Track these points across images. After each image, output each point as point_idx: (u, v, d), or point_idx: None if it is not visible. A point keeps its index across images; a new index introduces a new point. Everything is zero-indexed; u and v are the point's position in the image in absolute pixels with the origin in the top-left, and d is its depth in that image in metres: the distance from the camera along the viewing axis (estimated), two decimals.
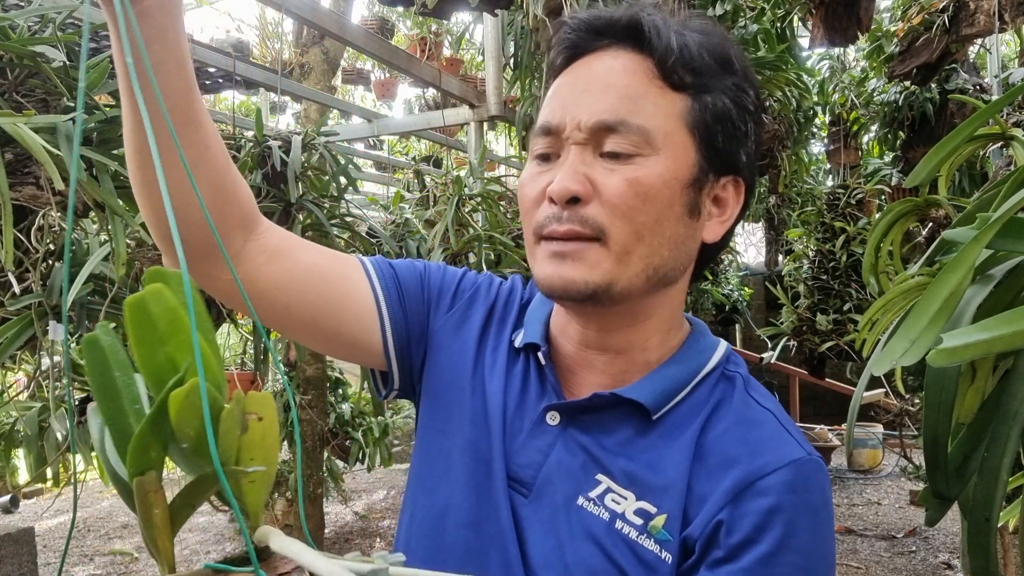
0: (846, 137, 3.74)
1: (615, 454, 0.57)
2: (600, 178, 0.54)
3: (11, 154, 1.05)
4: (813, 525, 0.53)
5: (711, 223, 0.58)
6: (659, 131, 0.54)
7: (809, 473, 0.54)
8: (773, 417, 0.58)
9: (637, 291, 0.56)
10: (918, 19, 2.51)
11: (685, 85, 0.55)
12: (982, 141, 0.98)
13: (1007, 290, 0.58)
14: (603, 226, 0.53)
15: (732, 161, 0.57)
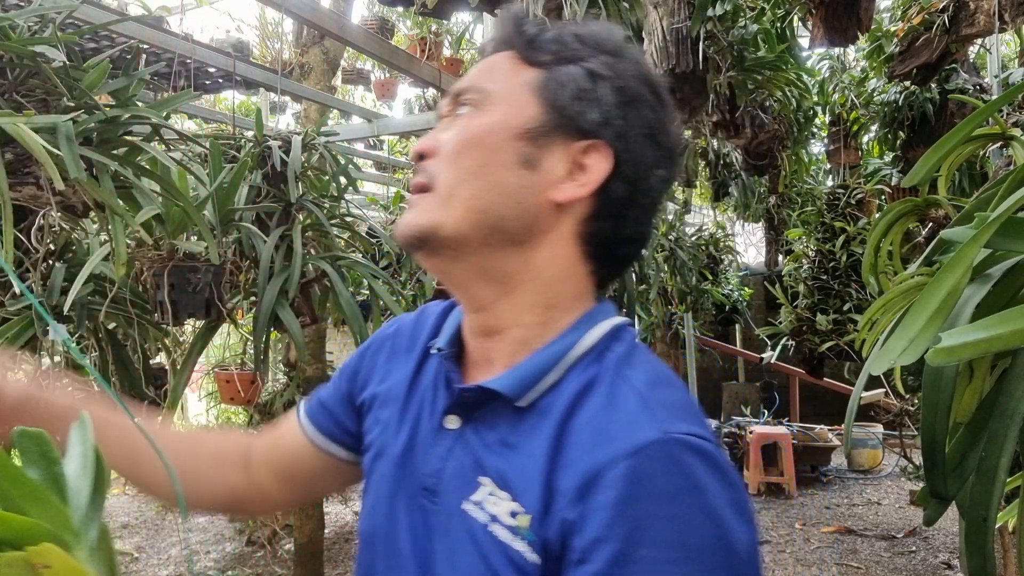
0: (846, 137, 3.74)
1: (494, 452, 0.56)
2: (443, 135, 0.60)
3: (11, 154, 1.05)
4: (672, 513, 0.47)
5: (566, 185, 0.58)
6: (499, 91, 0.59)
7: (660, 457, 0.49)
8: (636, 394, 0.53)
9: (470, 237, 0.57)
10: (918, 19, 2.51)
11: (541, 62, 0.60)
12: (982, 141, 0.98)
13: (1005, 289, 0.58)
14: (434, 174, 0.59)
15: (581, 121, 0.58)
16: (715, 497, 0.48)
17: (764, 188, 5.05)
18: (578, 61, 0.59)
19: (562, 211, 0.59)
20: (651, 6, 2.12)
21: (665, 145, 0.62)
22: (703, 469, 0.49)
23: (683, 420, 0.52)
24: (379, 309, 1.69)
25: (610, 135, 0.58)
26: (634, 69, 0.61)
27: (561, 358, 0.57)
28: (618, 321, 0.61)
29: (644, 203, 0.62)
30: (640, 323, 4.17)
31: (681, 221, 4.79)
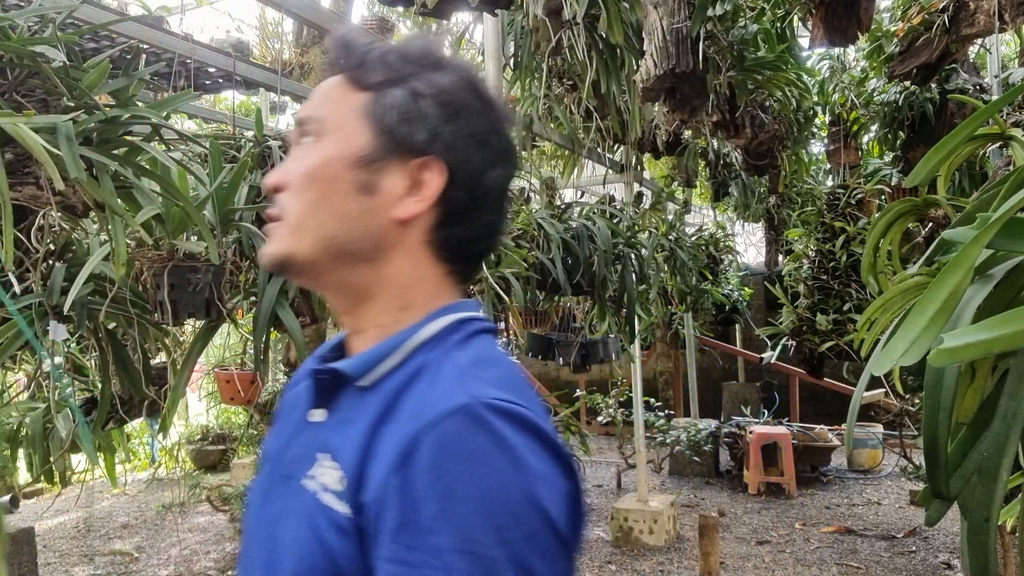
0: (846, 137, 3.74)
1: (335, 430, 0.61)
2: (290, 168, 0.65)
3: (11, 154, 1.05)
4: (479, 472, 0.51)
5: (406, 202, 0.63)
6: (332, 120, 0.64)
7: (467, 419, 0.52)
8: (457, 370, 0.57)
9: (321, 262, 0.63)
10: (918, 19, 2.51)
11: (369, 85, 0.64)
12: (981, 141, 0.98)
13: (1007, 290, 0.58)
14: (285, 207, 0.63)
15: (411, 140, 0.62)
16: (522, 456, 0.52)
17: (764, 188, 5.05)
18: (402, 82, 0.64)
19: (407, 225, 0.63)
20: (651, 6, 2.12)
21: (497, 146, 0.66)
22: (511, 430, 0.52)
23: (498, 389, 0.55)
24: None
25: (439, 149, 0.63)
26: (457, 80, 0.65)
27: (402, 344, 0.62)
28: (464, 315, 0.65)
29: (487, 202, 0.66)
30: (640, 323, 4.17)
31: (681, 221, 4.79)
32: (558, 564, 0.52)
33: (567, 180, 3.97)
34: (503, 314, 2.87)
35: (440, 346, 0.61)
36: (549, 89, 2.96)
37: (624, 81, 2.55)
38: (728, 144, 4.33)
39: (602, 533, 4.53)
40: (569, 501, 0.55)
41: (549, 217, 2.83)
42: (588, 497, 5.33)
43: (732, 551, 4.12)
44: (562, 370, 7.09)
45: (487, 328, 0.66)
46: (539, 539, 0.51)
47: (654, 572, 3.88)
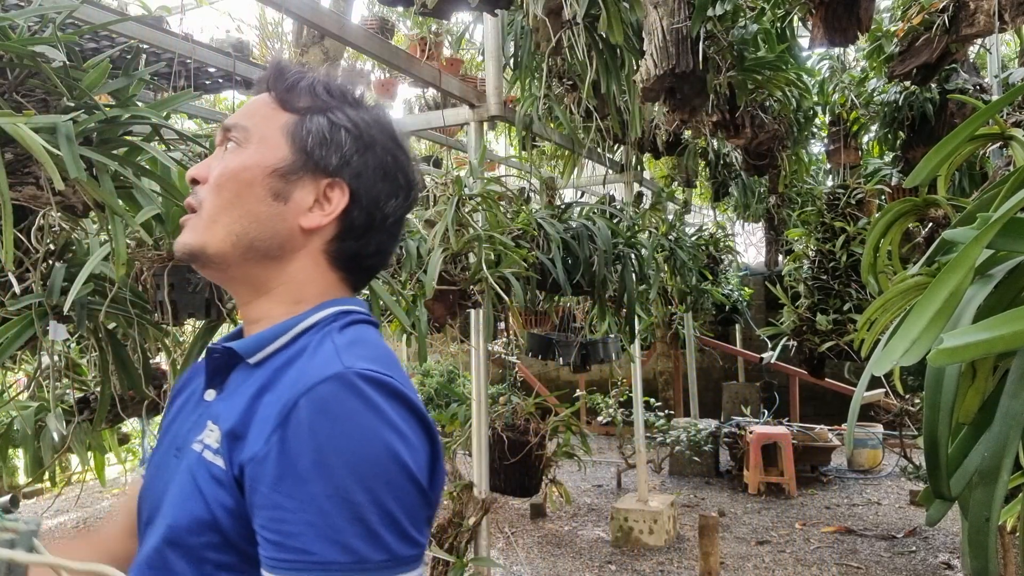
0: (846, 137, 3.74)
1: (224, 401, 0.68)
2: (213, 166, 0.71)
3: (11, 154, 1.05)
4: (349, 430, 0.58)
5: (312, 214, 0.72)
6: (258, 132, 0.72)
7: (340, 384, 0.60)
8: (334, 347, 0.65)
9: (230, 256, 0.70)
10: (918, 19, 2.51)
11: (296, 108, 0.73)
12: (982, 141, 0.98)
13: (1007, 290, 0.58)
14: (202, 200, 0.71)
15: (325, 164, 0.72)
16: (387, 417, 0.60)
17: (764, 188, 5.05)
18: (325, 112, 0.73)
19: (310, 234, 0.72)
20: (651, 6, 2.12)
21: (399, 180, 0.77)
22: (378, 395, 0.60)
23: (371, 363, 0.63)
24: (379, 309, 1.69)
25: (347, 174, 0.73)
26: (372, 119, 0.76)
27: (290, 329, 0.70)
28: (347, 307, 0.73)
29: (383, 226, 0.76)
30: (640, 323, 4.17)
31: (681, 221, 4.79)
32: (415, 511, 0.60)
33: (567, 180, 3.97)
34: (503, 314, 2.86)
35: (322, 330, 0.69)
36: (549, 89, 2.96)
37: (624, 81, 2.55)
38: (728, 144, 4.33)
39: (602, 533, 4.53)
40: (428, 460, 0.63)
41: (549, 217, 2.83)
42: (591, 496, 5.32)
43: (732, 551, 4.12)
44: (562, 370, 7.09)
45: (368, 320, 0.74)
46: (399, 487, 0.58)
47: (654, 572, 3.88)
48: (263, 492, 0.58)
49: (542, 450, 3.29)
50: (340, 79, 0.77)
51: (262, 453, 0.59)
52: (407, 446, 0.60)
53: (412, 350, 7.70)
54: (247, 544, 0.60)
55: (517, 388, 3.71)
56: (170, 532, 0.63)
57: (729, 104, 2.70)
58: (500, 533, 4.53)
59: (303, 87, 0.74)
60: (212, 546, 0.61)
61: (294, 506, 0.56)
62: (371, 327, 0.73)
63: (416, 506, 0.60)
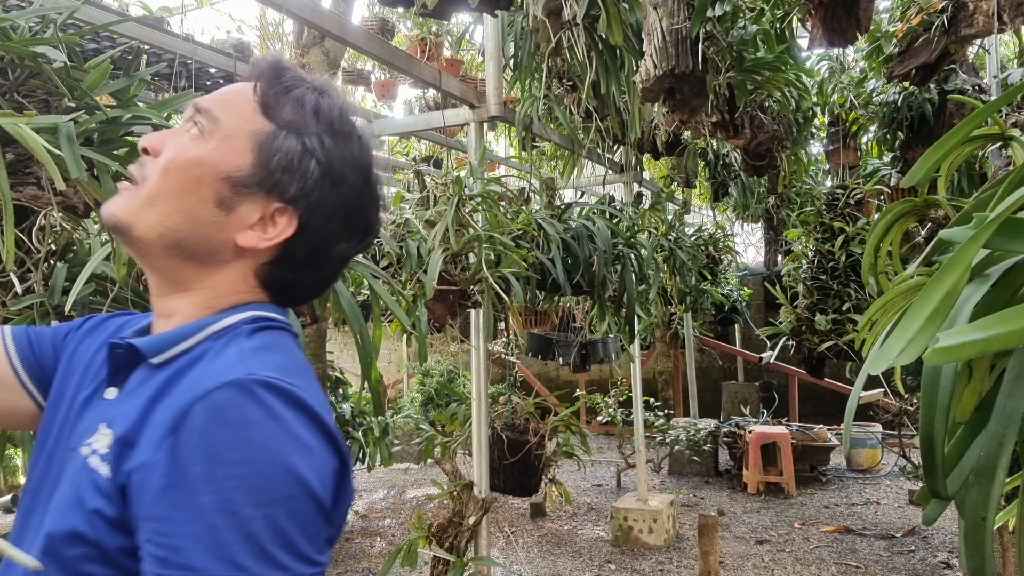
0: (845, 137, 3.74)
1: (120, 403, 0.64)
2: (170, 143, 0.66)
3: (12, 154, 1.05)
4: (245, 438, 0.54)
5: (251, 232, 0.67)
6: (225, 129, 0.66)
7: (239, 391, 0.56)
8: (240, 351, 0.61)
9: (154, 246, 0.65)
10: (917, 20, 2.51)
11: (276, 118, 0.68)
12: (981, 141, 0.99)
13: (1004, 289, 0.58)
14: (147, 175, 0.66)
15: (283, 189, 0.67)
16: (289, 428, 0.56)
17: (763, 188, 5.05)
18: (303, 134, 0.67)
19: (243, 252, 0.67)
20: (651, 6, 2.12)
21: (356, 225, 0.72)
22: (280, 405, 0.57)
23: (276, 370, 0.59)
24: (379, 309, 1.69)
25: (303, 206, 0.68)
26: (351, 155, 0.70)
27: (199, 330, 0.65)
28: (262, 313, 0.68)
29: (324, 265, 0.72)
30: (640, 323, 4.17)
31: (680, 221, 4.80)
32: (313, 528, 0.56)
33: (567, 180, 3.98)
34: (503, 314, 2.87)
35: (230, 334, 0.65)
36: (549, 90, 2.96)
37: (624, 82, 2.56)
38: (727, 144, 4.34)
39: (602, 532, 4.53)
40: (334, 477, 0.59)
41: (549, 217, 2.83)
42: (591, 496, 5.33)
43: (731, 550, 4.13)
44: (562, 370, 7.09)
45: (284, 327, 0.69)
46: (295, 504, 0.54)
47: (654, 571, 3.89)
48: (149, 503, 0.54)
49: (542, 450, 3.29)
50: (335, 102, 0.71)
51: (151, 461, 0.55)
52: (308, 460, 0.56)
53: (412, 350, 7.70)
54: (128, 559, 0.56)
55: (517, 388, 3.71)
56: (48, 542, 0.59)
57: (728, 105, 2.71)
58: (500, 532, 4.54)
59: (292, 98, 0.68)
60: (89, 559, 0.57)
61: (181, 518, 0.52)
62: (287, 335, 0.69)
63: (314, 524, 0.56)
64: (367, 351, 1.46)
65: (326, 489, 0.57)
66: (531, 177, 3.34)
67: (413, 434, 4.76)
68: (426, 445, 3.62)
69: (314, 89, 0.70)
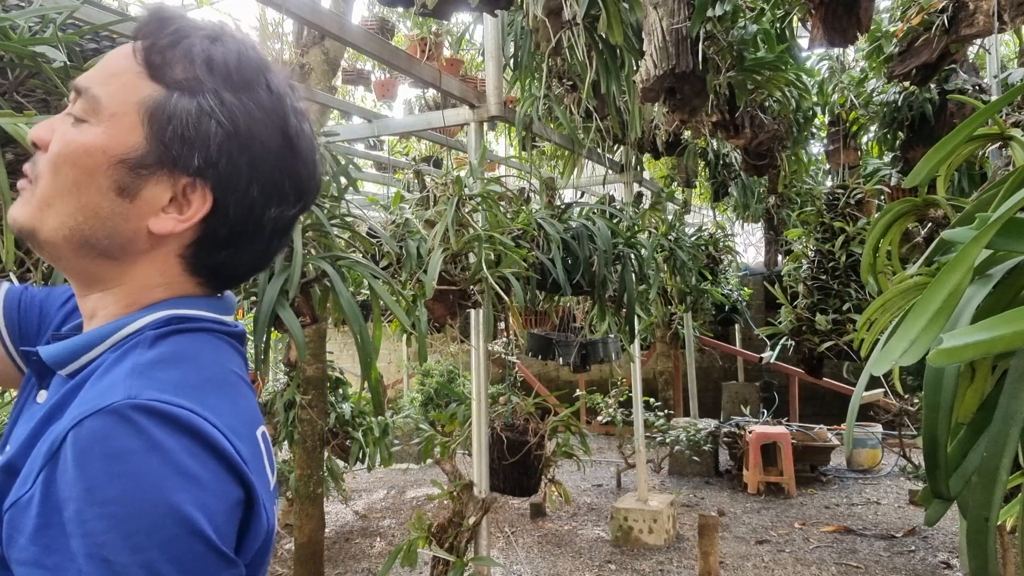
0: (845, 137, 3.74)
1: (24, 421, 0.59)
2: (56, 133, 0.59)
3: (11, 154, 1.05)
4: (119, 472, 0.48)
5: (164, 217, 0.59)
6: (109, 107, 0.58)
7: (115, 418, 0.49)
8: (130, 367, 0.54)
9: (62, 248, 0.59)
10: (917, 19, 2.51)
11: (164, 79, 0.58)
12: (981, 141, 0.99)
13: (1006, 290, 0.58)
14: (39, 173, 0.59)
15: (185, 161, 0.58)
16: (172, 460, 0.49)
17: (763, 188, 5.05)
18: (197, 94, 0.58)
19: (161, 239, 0.60)
20: (651, 6, 2.12)
21: (283, 187, 0.62)
22: (164, 433, 0.50)
23: (166, 390, 0.52)
24: (379, 309, 1.69)
25: (212, 177, 0.59)
26: (260, 107, 0.60)
27: (105, 338, 0.59)
28: (181, 312, 0.60)
29: (260, 236, 0.63)
30: (640, 323, 4.17)
31: (681, 221, 4.80)
32: (203, 573, 0.50)
33: (567, 180, 3.97)
34: (503, 314, 2.87)
35: (130, 343, 0.58)
36: (549, 89, 2.96)
37: (624, 81, 2.56)
38: (728, 144, 4.33)
39: (602, 532, 4.53)
40: (233, 511, 0.52)
41: (549, 217, 2.83)
42: (591, 496, 5.33)
43: (731, 551, 4.13)
44: (562, 370, 7.09)
45: (207, 328, 0.62)
46: (179, 547, 0.48)
47: (654, 571, 3.89)
48: (22, 544, 0.48)
49: (542, 450, 3.29)
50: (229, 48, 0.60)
51: (26, 497, 0.49)
52: (194, 495, 0.49)
53: (412, 350, 7.69)
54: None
55: (517, 388, 3.71)
56: None
57: (729, 104, 2.71)
58: (500, 533, 4.53)
59: (180, 53, 0.58)
60: None
61: (52, 563, 0.47)
62: (207, 336, 0.61)
63: (205, 568, 0.49)
64: (367, 351, 1.46)
65: (222, 526, 0.51)
66: (531, 177, 3.34)
67: (413, 434, 4.76)
68: (426, 445, 3.62)
69: (205, 36, 0.60)
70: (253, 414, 0.60)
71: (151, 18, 0.59)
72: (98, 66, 0.61)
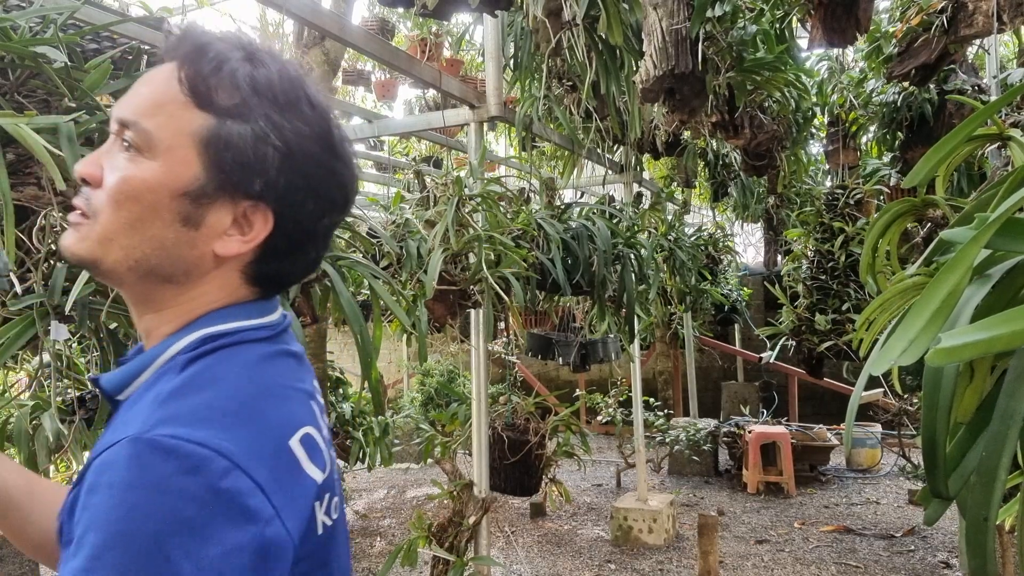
0: (845, 138, 3.74)
1: None
2: (107, 168, 0.60)
3: (13, 154, 1.05)
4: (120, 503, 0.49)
5: (228, 240, 0.61)
6: (163, 141, 0.58)
7: (125, 451, 0.50)
8: (157, 396, 0.56)
9: (125, 277, 0.61)
10: (917, 20, 2.52)
11: (212, 106, 0.59)
12: (980, 141, 0.99)
13: (1005, 290, 0.58)
14: (97, 209, 0.59)
15: (245, 186, 0.60)
16: (165, 503, 0.49)
17: (763, 188, 5.06)
18: (248, 119, 0.59)
19: (225, 259, 0.62)
20: (651, 7, 2.12)
21: (332, 196, 0.65)
22: (169, 470, 0.50)
23: (179, 423, 0.52)
24: (379, 309, 1.69)
25: (271, 198, 0.61)
26: (309, 128, 0.62)
27: (152, 361, 0.60)
28: (211, 331, 0.61)
29: (310, 244, 0.67)
30: (639, 323, 4.17)
31: (680, 221, 4.80)
32: None
33: (567, 180, 3.98)
34: (503, 314, 2.87)
35: (164, 369, 0.59)
36: (549, 90, 2.96)
37: (624, 82, 2.56)
38: (727, 145, 4.34)
39: (602, 532, 4.53)
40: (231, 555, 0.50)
41: (549, 217, 2.83)
42: (591, 495, 5.33)
43: (731, 550, 4.13)
44: (562, 370, 7.09)
45: (246, 339, 0.62)
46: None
47: (653, 571, 3.89)
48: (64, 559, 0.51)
49: (542, 449, 3.29)
50: (270, 69, 0.61)
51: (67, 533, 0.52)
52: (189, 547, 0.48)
53: (412, 350, 7.69)
54: None
55: (517, 388, 3.72)
56: None
57: (728, 105, 2.71)
58: (500, 532, 4.54)
59: (224, 77, 0.59)
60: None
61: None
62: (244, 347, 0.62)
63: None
64: (367, 351, 1.46)
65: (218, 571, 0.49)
66: (531, 177, 3.34)
67: (413, 434, 4.76)
68: (426, 445, 3.62)
69: (244, 59, 0.60)
70: (290, 419, 0.60)
71: (187, 43, 0.60)
72: (137, 95, 0.61)
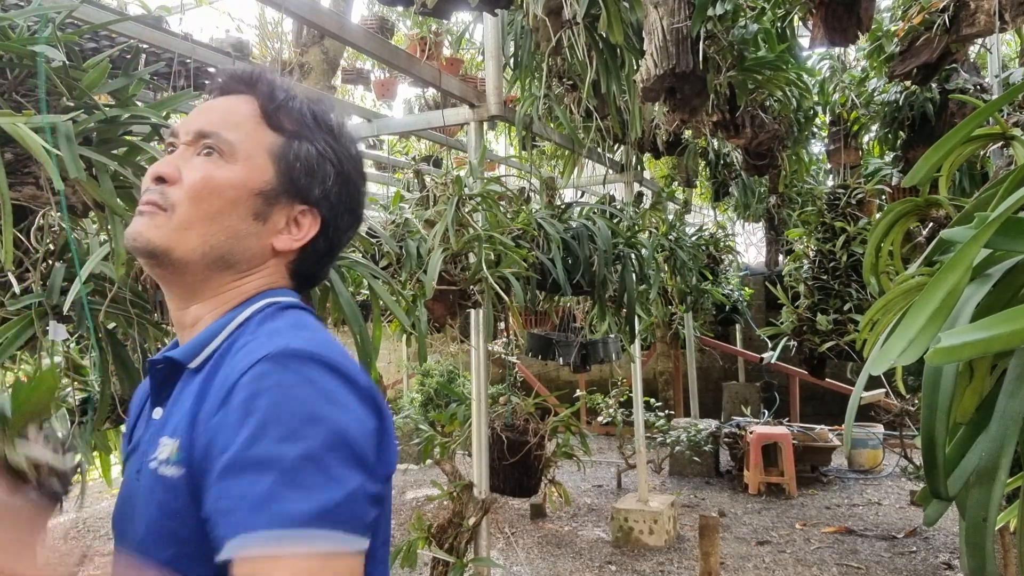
0: (846, 137, 3.73)
1: (172, 413, 0.69)
2: (186, 169, 0.71)
3: (11, 154, 1.05)
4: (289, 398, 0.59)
5: (284, 236, 0.75)
6: (243, 150, 0.73)
7: (280, 359, 0.61)
8: (274, 327, 0.68)
9: (194, 265, 0.71)
10: (918, 19, 2.51)
11: (282, 129, 0.75)
12: (982, 141, 0.98)
13: (1005, 289, 0.58)
14: (174, 203, 0.70)
15: (306, 192, 0.75)
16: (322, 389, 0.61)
17: (764, 188, 5.05)
18: (312, 140, 0.76)
19: (278, 253, 0.76)
20: (651, 6, 2.12)
21: (359, 213, 0.82)
22: (317, 371, 0.62)
23: (308, 342, 0.64)
24: (379, 309, 1.69)
25: (325, 206, 0.77)
26: (348, 150, 0.79)
27: (226, 326, 0.71)
28: (279, 299, 0.74)
29: (337, 253, 0.83)
30: (640, 323, 4.17)
31: (681, 221, 4.79)
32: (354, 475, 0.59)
33: (567, 180, 3.97)
34: (503, 314, 2.86)
35: (257, 319, 0.71)
36: (549, 89, 2.96)
37: (624, 81, 2.55)
38: (728, 144, 4.33)
39: (602, 533, 4.53)
40: (374, 435, 0.63)
41: (549, 217, 2.83)
42: (591, 496, 5.32)
43: (732, 551, 4.12)
44: (562, 370, 7.08)
45: (302, 307, 0.76)
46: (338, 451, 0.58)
47: (654, 572, 3.88)
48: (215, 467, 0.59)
49: (542, 450, 3.29)
50: (324, 107, 0.79)
51: (209, 435, 0.60)
52: (346, 416, 0.61)
53: (412, 350, 7.69)
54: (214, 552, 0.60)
55: (517, 388, 3.71)
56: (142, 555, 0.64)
57: (729, 104, 2.70)
58: (500, 533, 4.53)
59: (294, 109, 0.76)
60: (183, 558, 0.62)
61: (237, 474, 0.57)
62: (307, 314, 0.75)
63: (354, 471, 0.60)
64: (367, 351, 1.46)
65: (369, 446, 0.62)
66: (531, 177, 3.33)
67: (413, 434, 4.76)
68: (426, 445, 3.62)
69: (306, 99, 0.78)
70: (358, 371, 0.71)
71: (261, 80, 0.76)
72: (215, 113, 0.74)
